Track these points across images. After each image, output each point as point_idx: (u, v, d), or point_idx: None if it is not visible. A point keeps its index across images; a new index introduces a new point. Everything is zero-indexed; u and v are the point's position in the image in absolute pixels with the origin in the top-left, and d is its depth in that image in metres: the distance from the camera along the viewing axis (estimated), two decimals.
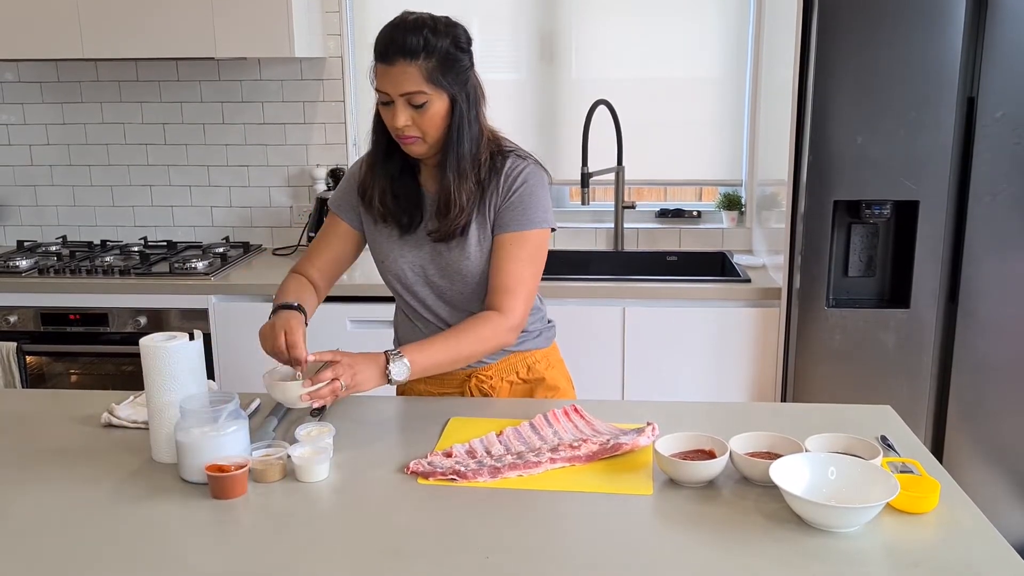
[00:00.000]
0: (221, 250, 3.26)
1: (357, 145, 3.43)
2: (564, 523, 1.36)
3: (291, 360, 1.64)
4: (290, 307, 1.77)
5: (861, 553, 1.26)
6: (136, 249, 3.29)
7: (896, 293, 2.76)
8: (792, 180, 2.69)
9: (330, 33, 3.30)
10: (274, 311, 1.78)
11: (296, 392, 1.56)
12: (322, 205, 3.23)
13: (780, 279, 2.81)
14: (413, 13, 1.70)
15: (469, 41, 1.75)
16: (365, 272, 3.13)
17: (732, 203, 3.36)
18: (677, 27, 3.26)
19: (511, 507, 1.40)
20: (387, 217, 1.83)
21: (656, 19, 3.26)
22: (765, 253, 3.08)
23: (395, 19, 1.70)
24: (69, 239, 3.51)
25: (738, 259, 3.15)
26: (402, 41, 1.64)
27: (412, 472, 1.51)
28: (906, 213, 2.68)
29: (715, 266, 3.27)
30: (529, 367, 1.93)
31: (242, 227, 3.51)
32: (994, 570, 1.22)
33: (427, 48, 1.65)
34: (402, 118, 1.68)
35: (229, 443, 1.47)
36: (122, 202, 3.54)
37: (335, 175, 3.31)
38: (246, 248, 3.38)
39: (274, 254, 3.38)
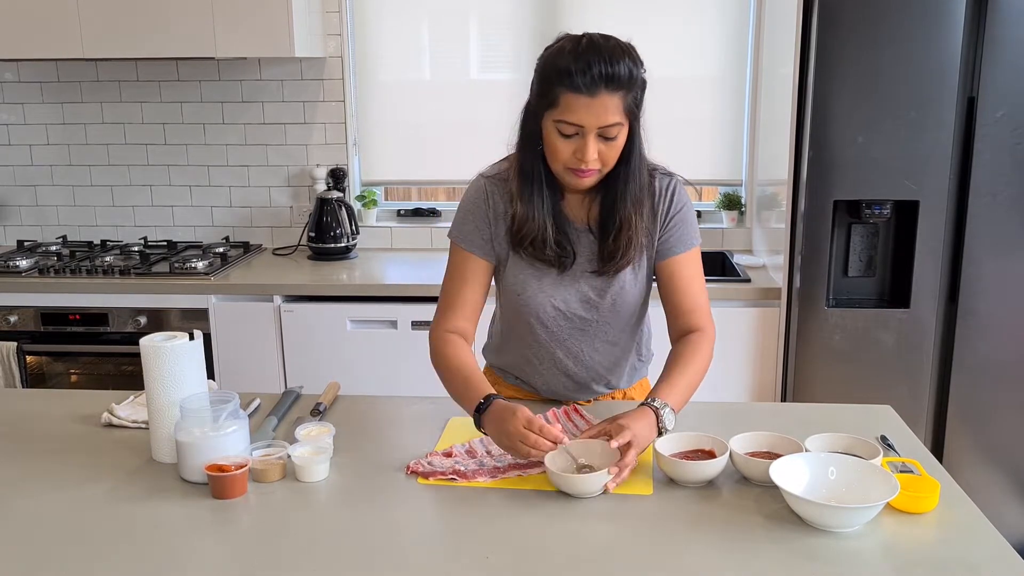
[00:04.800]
0: (221, 250, 3.26)
1: (357, 145, 3.44)
2: (564, 523, 1.36)
3: (552, 440, 1.45)
4: (492, 398, 1.56)
5: (861, 553, 1.26)
6: (136, 249, 3.29)
7: (896, 293, 2.76)
8: (792, 180, 2.69)
9: (330, 33, 3.29)
10: (479, 410, 1.55)
11: (600, 483, 1.41)
12: (322, 205, 3.23)
13: (780, 279, 2.81)
14: (593, 36, 1.54)
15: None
16: (365, 272, 3.13)
17: (732, 203, 3.36)
18: (677, 27, 3.26)
19: (511, 507, 1.40)
20: (549, 258, 1.67)
21: (656, 19, 3.26)
22: (765, 253, 3.08)
23: (580, 44, 1.52)
24: (69, 239, 3.51)
25: (738, 259, 3.14)
26: (609, 71, 1.48)
27: (412, 472, 1.51)
28: (906, 213, 2.67)
29: (715, 266, 3.27)
30: (624, 394, 1.89)
31: (242, 227, 3.51)
32: (994, 570, 1.22)
33: (631, 78, 1.51)
34: (594, 151, 1.53)
35: (229, 443, 1.47)
36: (122, 202, 3.54)
37: (335, 175, 3.31)
38: (246, 248, 3.38)
39: (274, 254, 3.38)
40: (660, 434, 1.53)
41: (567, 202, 1.69)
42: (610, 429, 1.49)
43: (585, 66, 1.48)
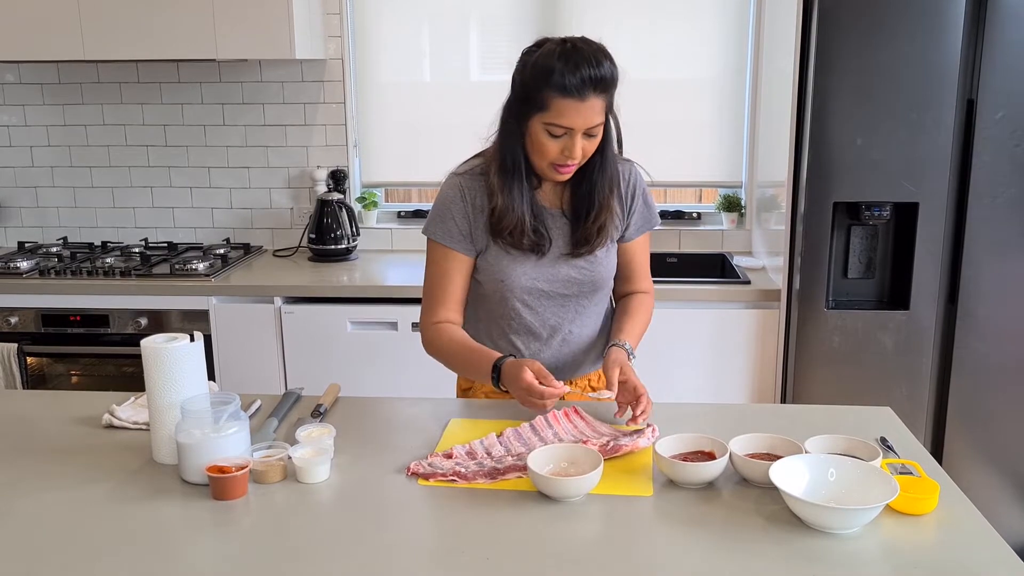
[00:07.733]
0: (222, 251, 3.26)
1: (357, 146, 3.44)
2: (564, 524, 1.36)
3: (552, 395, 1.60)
4: (505, 358, 1.69)
5: (860, 554, 1.26)
6: (137, 250, 3.30)
7: (896, 295, 2.77)
8: (792, 182, 2.69)
9: (331, 35, 3.30)
10: (495, 370, 1.68)
11: (580, 488, 1.41)
12: (323, 206, 3.23)
13: (780, 281, 2.81)
14: (575, 40, 1.63)
15: None
16: (365, 274, 3.14)
17: (732, 205, 3.36)
18: (677, 28, 3.27)
19: (511, 507, 1.40)
20: (527, 247, 1.76)
21: (656, 20, 3.26)
22: (765, 255, 3.09)
23: (564, 49, 1.60)
24: (70, 240, 3.51)
25: (738, 261, 3.15)
26: (596, 74, 1.58)
27: (413, 473, 1.51)
28: (906, 215, 2.68)
29: (715, 268, 3.28)
30: (600, 376, 1.94)
31: (242, 228, 3.51)
32: (993, 571, 1.22)
33: (612, 78, 1.62)
34: (580, 150, 1.64)
35: (230, 444, 1.48)
36: (123, 203, 3.54)
37: (335, 176, 3.31)
38: (247, 249, 3.38)
39: (275, 255, 3.38)
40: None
41: (542, 189, 1.80)
42: (626, 390, 1.68)
43: (574, 69, 1.58)
